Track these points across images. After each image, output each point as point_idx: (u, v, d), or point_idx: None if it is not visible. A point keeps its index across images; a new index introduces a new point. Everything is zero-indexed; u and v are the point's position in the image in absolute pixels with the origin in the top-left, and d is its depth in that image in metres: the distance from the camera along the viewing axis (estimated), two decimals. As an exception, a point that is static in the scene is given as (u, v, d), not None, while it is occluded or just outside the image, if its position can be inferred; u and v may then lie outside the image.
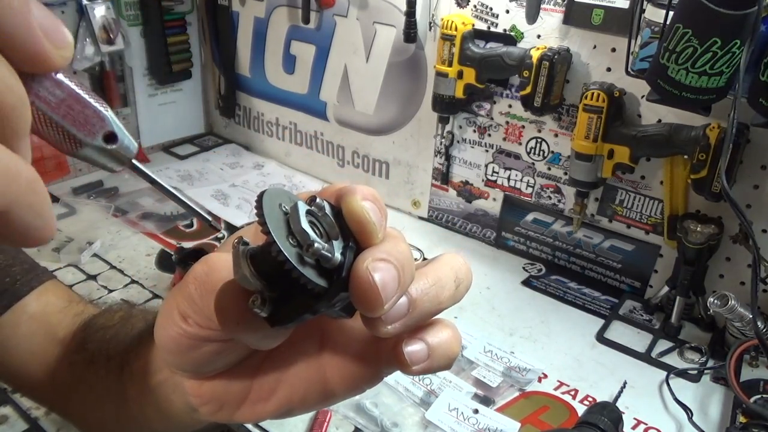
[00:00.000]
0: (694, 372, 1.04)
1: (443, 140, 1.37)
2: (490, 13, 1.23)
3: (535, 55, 1.13)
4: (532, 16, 1.17)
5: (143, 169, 0.28)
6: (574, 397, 0.99)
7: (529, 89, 1.15)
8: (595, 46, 1.13)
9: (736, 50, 0.85)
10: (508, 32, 1.22)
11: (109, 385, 0.45)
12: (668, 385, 1.01)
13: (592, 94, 1.08)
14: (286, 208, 0.28)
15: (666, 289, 1.16)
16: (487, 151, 1.35)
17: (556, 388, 1.01)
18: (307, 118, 1.65)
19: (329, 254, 0.27)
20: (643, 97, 1.10)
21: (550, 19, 1.16)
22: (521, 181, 1.32)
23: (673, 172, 1.11)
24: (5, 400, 0.93)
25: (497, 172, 1.35)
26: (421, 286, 0.30)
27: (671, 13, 0.91)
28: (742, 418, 0.91)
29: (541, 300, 1.24)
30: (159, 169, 1.67)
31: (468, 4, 1.25)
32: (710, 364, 1.06)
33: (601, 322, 1.17)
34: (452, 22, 1.21)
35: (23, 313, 0.53)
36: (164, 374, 0.40)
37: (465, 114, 1.34)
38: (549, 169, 1.28)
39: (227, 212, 1.49)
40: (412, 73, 1.40)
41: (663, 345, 1.11)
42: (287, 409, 0.36)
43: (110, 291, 1.18)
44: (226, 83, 1.78)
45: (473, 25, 1.23)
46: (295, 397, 0.35)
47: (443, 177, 1.42)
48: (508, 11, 1.21)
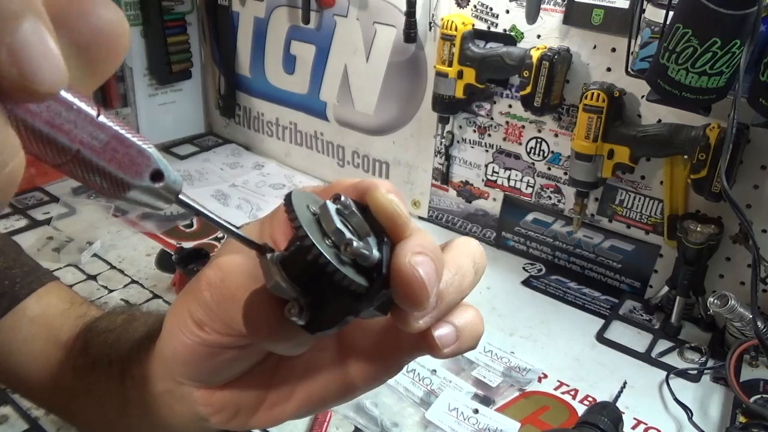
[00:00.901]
0: (694, 372, 1.04)
1: (443, 140, 1.37)
2: (490, 13, 1.23)
3: (535, 55, 1.13)
4: (532, 16, 1.17)
5: (191, 203, 0.26)
6: (574, 397, 0.99)
7: (529, 89, 1.15)
8: (595, 46, 1.13)
9: (736, 50, 0.85)
10: (508, 32, 1.22)
11: (111, 391, 0.44)
12: (668, 385, 1.01)
13: (592, 94, 1.08)
14: (314, 208, 0.27)
15: (666, 289, 1.16)
16: (487, 151, 1.35)
17: (556, 388, 1.01)
18: (307, 118, 1.65)
19: (367, 252, 0.26)
20: (643, 97, 1.10)
21: (550, 19, 1.16)
22: (521, 181, 1.32)
23: (673, 172, 1.11)
24: (5, 400, 0.93)
25: (497, 172, 1.35)
26: (447, 278, 0.29)
27: (671, 13, 0.91)
28: (742, 418, 0.91)
29: (541, 300, 1.24)
30: (159, 169, 1.67)
31: (468, 4, 1.25)
32: (710, 364, 1.06)
33: (601, 322, 1.17)
34: (452, 22, 1.21)
35: (23, 316, 0.52)
36: (166, 384, 0.38)
37: (465, 114, 1.34)
38: (549, 169, 1.28)
39: (227, 212, 1.49)
40: (412, 73, 1.40)
41: (663, 345, 1.11)
42: (307, 410, 0.35)
43: (110, 291, 1.18)
44: (226, 83, 1.78)
45: (473, 25, 1.23)
46: (315, 396, 0.34)
47: (443, 177, 1.42)
48: (508, 11, 1.21)
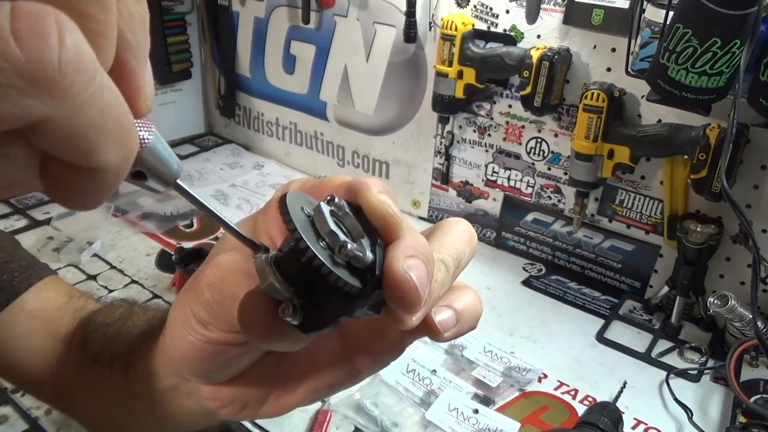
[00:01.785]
0: (694, 372, 1.04)
1: (443, 140, 1.37)
2: (490, 13, 1.23)
3: (535, 55, 1.13)
4: (532, 16, 1.17)
5: (189, 191, 0.26)
6: (574, 397, 0.99)
7: (529, 89, 1.15)
8: (595, 46, 1.13)
9: (736, 50, 0.85)
10: (508, 32, 1.22)
11: (115, 384, 0.44)
12: (668, 385, 1.01)
13: (592, 94, 1.08)
14: (308, 210, 0.27)
15: (666, 289, 1.16)
16: (487, 151, 1.35)
17: (556, 388, 1.01)
18: (307, 118, 1.65)
19: (361, 254, 0.26)
20: (643, 97, 1.10)
21: (550, 19, 1.16)
22: (521, 181, 1.32)
23: (673, 172, 1.11)
24: (5, 400, 0.93)
25: (497, 172, 1.35)
26: (438, 276, 0.30)
27: (671, 13, 0.91)
28: (742, 418, 0.91)
29: (541, 300, 1.24)
30: (159, 169, 1.67)
31: (468, 4, 1.25)
32: (710, 364, 1.06)
33: (601, 322, 1.17)
34: (452, 22, 1.21)
35: (22, 310, 0.52)
36: (173, 380, 0.39)
37: (465, 114, 1.34)
38: (549, 169, 1.28)
39: (227, 212, 1.49)
40: (412, 73, 1.40)
41: (663, 345, 1.11)
42: (315, 397, 0.36)
43: (110, 291, 1.18)
44: (226, 83, 1.78)
45: (473, 25, 1.23)
46: (321, 384, 0.35)
47: (443, 177, 1.42)
48: (508, 11, 1.21)
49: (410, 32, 1.30)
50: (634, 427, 0.94)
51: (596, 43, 1.13)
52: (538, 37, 1.18)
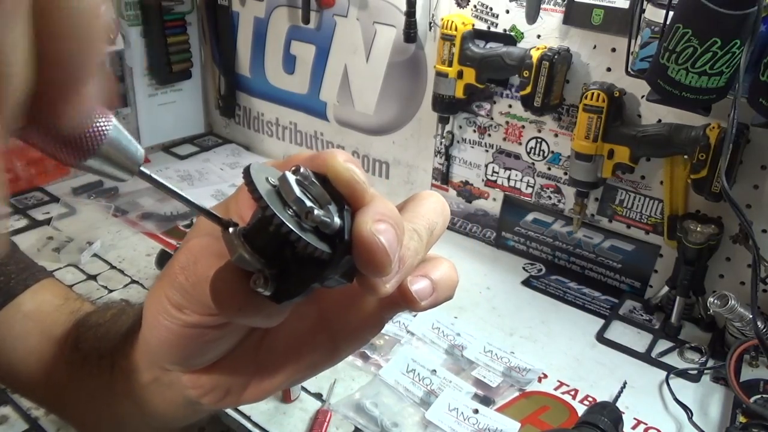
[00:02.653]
0: (694, 372, 1.04)
1: (443, 140, 1.37)
2: (490, 13, 1.23)
3: (535, 55, 1.13)
4: (532, 16, 1.17)
5: (153, 176, 0.27)
6: (574, 397, 0.99)
7: (529, 89, 1.15)
8: (595, 46, 1.13)
9: (736, 50, 0.85)
10: (508, 32, 1.22)
11: (102, 384, 0.44)
12: (668, 385, 1.01)
13: (592, 94, 1.08)
14: (273, 180, 0.27)
15: (666, 289, 1.16)
16: (487, 151, 1.35)
17: (556, 388, 1.01)
18: (307, 118, 1.65)
19: (328, 219, 0.26)
20: (643, 97, 1.10)
21: (550, 19, 1.16)
22: (521, 181, 1.32)
23: (673, 172, 1.11)
24: (5, 400, 0.93)
25: (497, 172, 1.35)
26: (411, 243, 0.30)
27: (671, 13, 0.91)
28: (742, 418, 0.91)
29: (541, 300, 1.24)
30: (159, 169, 1.67)
31: (468, 4, 1.25)
32: (710, 364, 1.06)
33: (601, 322, 1.17)
34: (452, 22, 1.21)
35: (18, 311, 0.52)
36: (153, 373, 0.39)
37: (465, 114, 1.34)
38: (549, 169, 1.28)
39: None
40: (412, 73, 1.40)
41: (663, 345, 1.11)
42: (297, 378, 0.35)
43: (110, 291, 1.18)
44: (226, 83, 1.78)
45: (473, 25, 1.23)
46: (302, 365, 0.35)
47: (443, 177, 1.42)
48: (508, 11, 1.21)
49: (410, 32, 1.30)
50: (634, 427, 0.94)
51: (596, 43, 1.13)
52: (538, 37, 1.18)
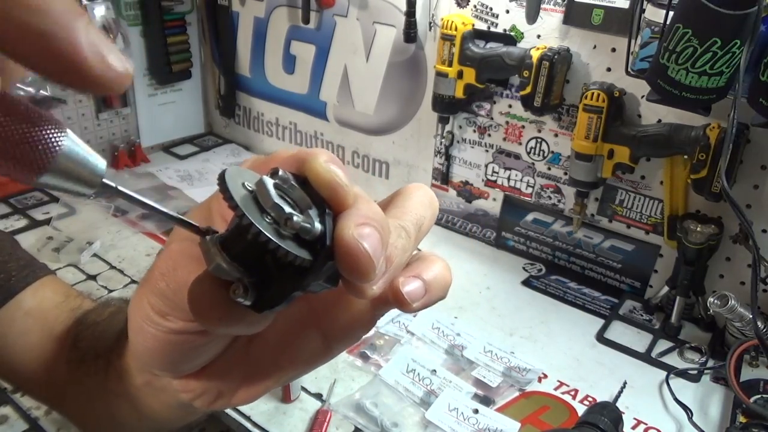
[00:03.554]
0: (694, 372, 1.04)
1: (443, 140, 1.37)
2: (490, 13, 1.23)
3: (535, 55, 1.13)
4: (532, 16, 1.17)
5: (118, 188, 0.24)
6: (574, 397, 0.99)
7: (529, 89, 1.15)
8: (595, 46, 1.13)
9: (736, 50, 0.85)
10: (508, 32, 1.22)
11: (98, 384, 0.44)
12: (668, 385, 1.01)
13: (592, 94, 1.08)
14: (250, 186, 0.26)
15: (666, 289, 1.16)
16: (487, 151, 1.35)
17: (556, 388, 1.01)
18: (307, 118, 1.65)
19: (309, 225, 0.25)
20: (643, 97, 1.10)
21: (550, 19, 1.16)
22: (521, 181, 1.32)
23: (673, 172, 1.11)
24: (5, 400, 0.93)
25: (497, 172, 1.35)
26: (398, 243, 0.29)
27: (671, 13, 0.91)
28: (742, 418, 0.91)
29: (541, 300, 1.24)
30: (159, 169, 1.67)
31: (468, 4, 1.25)
32: (710, 364, 1.06)
33: (601, 322, 1.17)
34: (452, 22, 1.21)
35: (18, 309, 0.52)
36: (144, 377, 0.38)
37: (465, 114, 1.34)
38: (549, 169, 1.28)
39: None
40: (412, 73, 1.40)
41: (663, 345, 1.11)
42: (289, 377, 0.35)
43: (110, 291, 1.18)
44: (226, 83, 1.78)
45: (473, 25, 1.23)
46: (295, 363, 0.34)
47: (443, 177, 1.42)
48: (508, 11, 1.21)
49: (410, 32, 1.30)
50: (634, 427, 0.94)
51: (596, 43, 1.13)
52: (538, 37, 1.18)
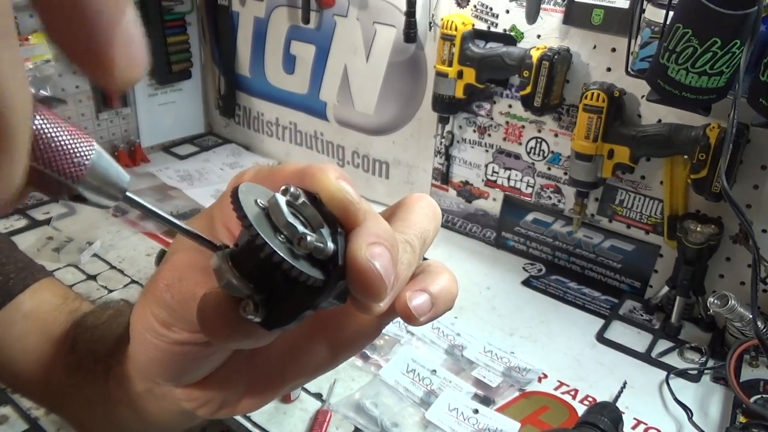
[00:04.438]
0: (694, 372, 1.04)
1: (443, 140, 1.37)
2: (490, 13, 1.23)
3: (535, 55, 1.13)
4: (532, 16, 1.17)
5: (139, 201, 0.25)
6: (574, 397, 0.99)
7: (529, 89, 1.15)
8: (595, 46, 1.13)
9: (736, 50, 0.85)
10: (508, 32, 1.22)
11: (98, 389, 0.44)
12: (668, 385, 1.01)
13: (592, 94, 1.08)
14: (262, 203, 0.26)
15: (666, 289, 1.16)
16: (487, 151, 1.35)
17: (556, 388, 1.01)
18: (307, 118, 1.65)
19: (322, 245, 0.25)
20: (643, 97, 1.10)
21: (550, 19, 1.16)
22: (521, 181, 1.32)
23: (673, 172, 1.11)
24: (5, 400, 0.93)
25: (497, 172, 1.35)
26: (404, 258, 0.29)
27: (671, 13, 0.91)
28: (742, 418, 0.91)
29: (541, 300, 1.24)
30: (159, 169, 1.67)
31: (468, 4, 1.25)
32: (710, 364, 1.06)
33: (601, 322, 1.17)
34: (452, 22, 1.21)
35: (17, 311, 0.52)
36: (145, 384, 0.38)
37: (465, 114, 1.34)
38: (549, 169, 1.28)
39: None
40: (412, 73, 1.40)
41: (663, 345, 1.11)
42: (295, 385, 0.35)
43: (110, 291, 1.18)
44: (226, 83, 1.78)
45: (473, 25, 1.23)
46: (300, 371, 0.34)
47: (443, 177, 1.42)
48: (508, 11, 1.21)
49: (410, 32, 1.30)
50: (634, 427, 0.94)
51: (596, 43, 1.13)
52: (538, 37, 1.18)
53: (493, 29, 1.23)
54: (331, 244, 0.26)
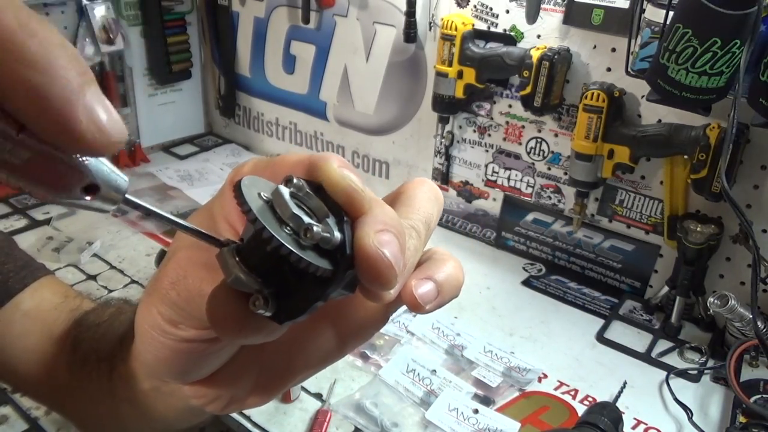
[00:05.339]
0: (694, 372, 1.04)
1: (443, 140, 1.37)
2: (490, 13, 1.23)
3: (535, 55, 1.13)
4: (532, 16, 1.17)
5: (140, 203, 0.25)
6: (574, 397, 0.99)
7: (529, 89, 1.15)
8: (595, 46, 1.13)
9: (736, 50, 0.85)
10: (508, 32, 1.22)
11: (102, 387, 0.44)
12: (668, 385, 1.01)
13: (592, 94, 1.08)
14: (266, 195, 0.26)
15: (666, 289, 1.16)
16: (487, 151, 1.35)
17: (556, 388, 1.01)
18: (307, 118, 1.65)
19: (329, 235, 0.25)
20: (643, 97, 1.10)
21: (550, 19, 1.16)
22: (521, 181, 1.32)
23: (673, 172, 1.11)
24: (5, 400, 0.93)
25: (497, 172, 1.35)
26: (411, 244, 0.29)
27: (671, 13, 0.91)
28: (742, 418, 0.91)
29: (541, 300, 1.24)
30: (159, 169, 1.67)
31: (468, 4, 1.25)
32: (710, 364, 1.06)
33: (601, 322, 1.17)
34: (452, 22, 1.21)
35: (17, 310, 0.52)
36: (152, 382, 0.38)
37: (465, 114, 1.34)
38: (549, 169, 1.28)
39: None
40: (412, 73, 1.40)
41: (663, 345, 1.11)
42: (303, 377, 0.34)
43: (110, 291, 1.18)
44: (226, 83, 1.78)
45: (473, 25, 1.23)
46: (311, 363, 0.33)
47: (443, 177, 1.42)
48: (508, 11, 1.21)
49: (410, 32, 1.30)
50: (634, 427, 0.94)
51: (596, 43, 1.13)
52: (538, 37, 1.18)
53: (493, 29, 1.23)
54: (338, 234, 0.25)
